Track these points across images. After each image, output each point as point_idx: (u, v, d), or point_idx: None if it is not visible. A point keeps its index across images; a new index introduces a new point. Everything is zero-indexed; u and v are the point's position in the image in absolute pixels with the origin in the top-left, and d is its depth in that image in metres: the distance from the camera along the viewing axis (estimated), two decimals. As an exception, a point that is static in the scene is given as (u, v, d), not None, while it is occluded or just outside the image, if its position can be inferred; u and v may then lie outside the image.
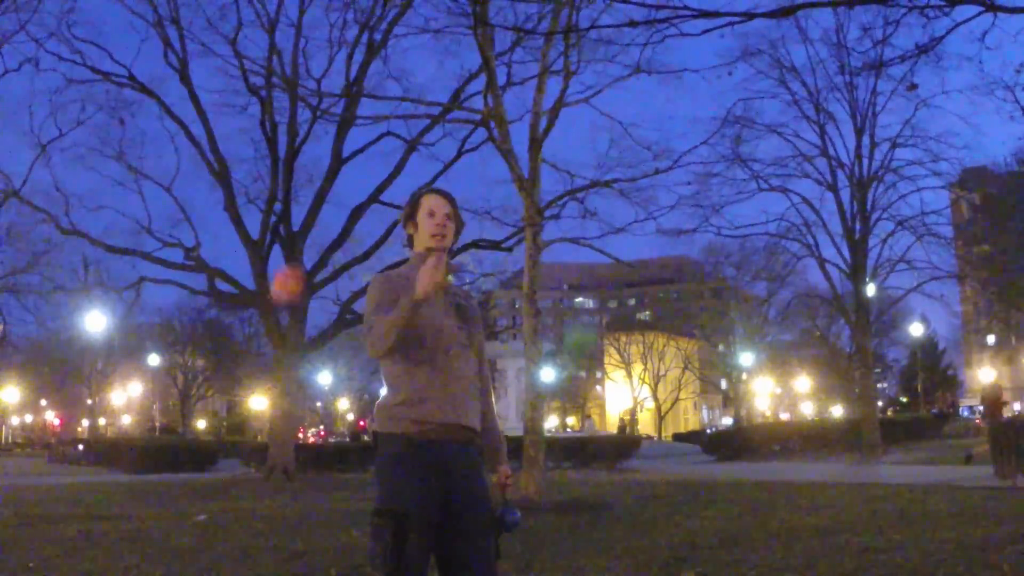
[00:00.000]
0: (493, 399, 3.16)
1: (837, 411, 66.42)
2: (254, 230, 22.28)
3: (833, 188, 25.43)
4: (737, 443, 25.78)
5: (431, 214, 2.96)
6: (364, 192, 24.81)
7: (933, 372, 65.54)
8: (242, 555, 7.12)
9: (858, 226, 25.34)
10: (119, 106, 21.95)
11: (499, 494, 2.97)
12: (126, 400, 67.40)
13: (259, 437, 52.78)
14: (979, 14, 6.44)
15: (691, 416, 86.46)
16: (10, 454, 53.60)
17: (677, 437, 44.91)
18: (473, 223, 21.52)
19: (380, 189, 22.40)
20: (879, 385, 66.29)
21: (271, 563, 6.66)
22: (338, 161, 22.06)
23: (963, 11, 6.58)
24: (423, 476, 2.74)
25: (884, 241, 25.94)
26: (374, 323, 2.77)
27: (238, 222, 22.11)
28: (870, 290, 26.30)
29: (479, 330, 3.04)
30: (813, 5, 8.06)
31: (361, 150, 23.04)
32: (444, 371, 2.82)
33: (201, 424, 70.28)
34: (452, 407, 2.81)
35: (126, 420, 70.18)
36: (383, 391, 2.92)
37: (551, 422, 73.40)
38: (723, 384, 75.77)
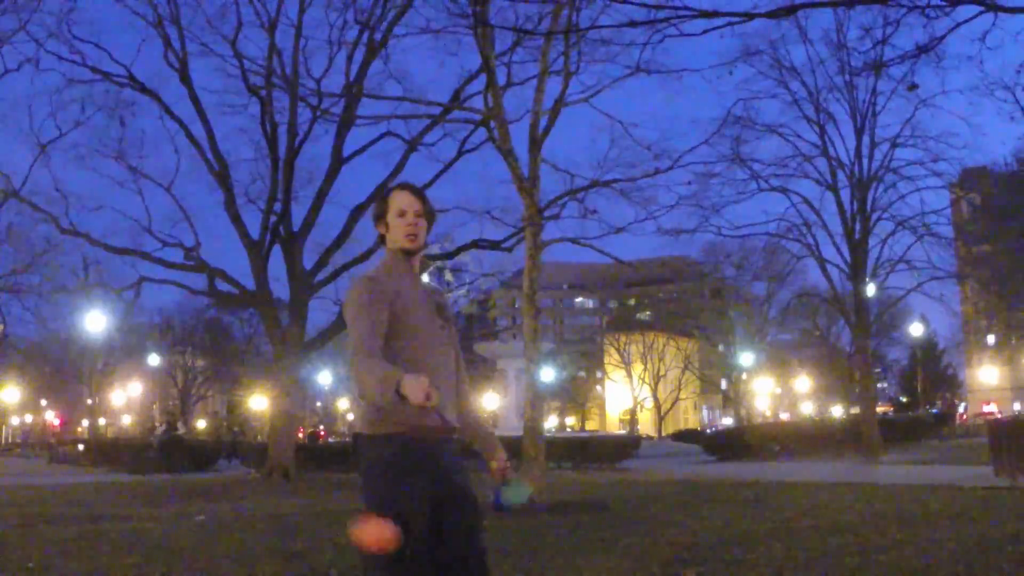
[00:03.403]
0: (469, 390, 3.15)
1: (837, 411, 66.48)
2: (254, 230, 22.31)
3: (833, 188, 25.43)
4: (737, 443, 25.75)
5: (401, 214, 2.88)
6: (364, 192, 24.83)
7: (933, 372, 65.56)
8: (242, 555, 7.12)
9: (858, 226, 25.33)
10: (119, 106, 21.97)
11: (500, 479, 2.98)
12: (126, 400, 67.39)
13: (259, 436, 52.78)
14: (979, 14, 6.45)
15: (691, 416, 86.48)
16: (10, 454, 53.57)
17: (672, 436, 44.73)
18: (473, 223, 21.55)
19: (380, 189, 22.37)
20: (879, 385, 66.34)
21: (271, 563, 6.65)
22: (338, 161, 22.06)
23: (963, 11, 6.59)
24: (417, 479, 2.68)
25: (884, 241, 25.94)
26: (363, 328, 2.67)
27: (238, 222, 22.11)
28: (870, 290, 26.30)
29: (454, 326, 3.05)
30: (813, 5, 8.06)
31: (361, 150, 23.06)
32: (432, 371, 2.75)
33: (201, 424, 70.29)
34: (440, 406, 2.75)
35: (126, 420, 70.18)
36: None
37: (551, 422, 73.44)
38: (723, 384, 75.79)
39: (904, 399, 69.09)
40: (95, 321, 29.64)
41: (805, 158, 25.30)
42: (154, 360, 55.18)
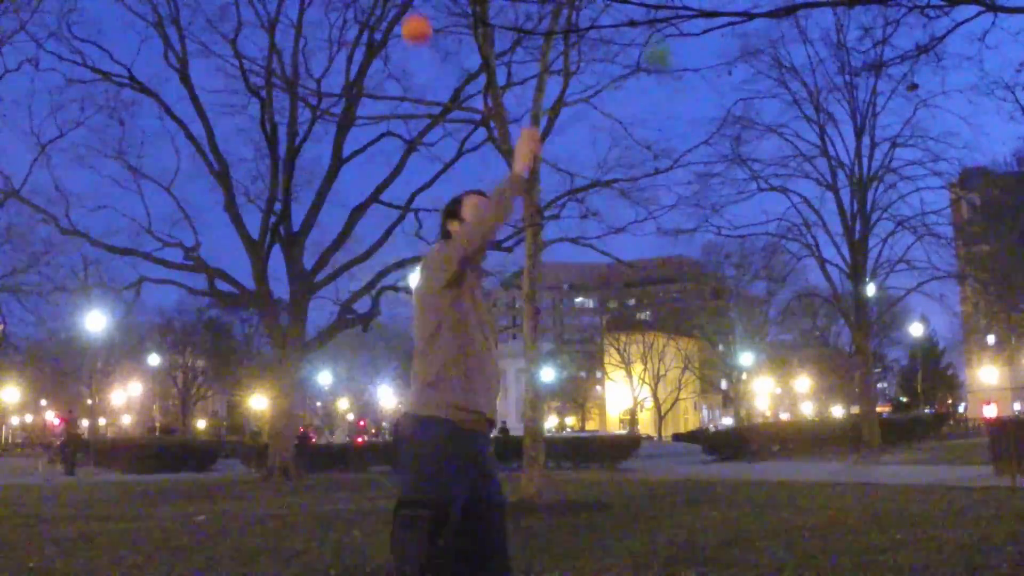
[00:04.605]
0: None
1: (837, 411, 66.46)
2: (254, 230, 22.31)
3: (833, 188, 25.45)
4: (737, 443, 25.76)
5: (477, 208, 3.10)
6: (364, 192, 24.81)
7: (933, 372, 65.53)
8: (242, 555, 7.12)
9: (858, 226, 25.35)
10: (119, 106, 21.97)
11: None
12: (126, 400, 67.39)
13: (260, 438, 52.79)
14: (979, 14, 6.45)
15: (691, 416, 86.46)
16: (10, 454, 53.55)
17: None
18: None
19: (380, 189, 22.41)
20: (879, 385, 66.38)
21: (271, 563, 6.66)
22: (338, 161, 22.07)
23: (963, 11, 6.59)
24: (463, 467, 2.76)
25: (884, 241, 25.99)
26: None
27: (238, 222, 22.12)
28: (870, 290, 26.33)
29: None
30: (813, 5, 8.06)
31: (361, 150, 23.06)
32: (488, 366, 2.91)
33: (201, 424, 70.28)
34: (490, 400, 2.90)
35: (126, 420, 70.19)
36: (423, 376, 2.90)
37: (551, 422, 73.46)
38: (723, 384, 75.73)
39: (904, 399, 69.07)
40: (95, 321, 29.64)
41: (805, 158, 25.36)
42: (154, 360, 55.17)
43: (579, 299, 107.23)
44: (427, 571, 2.63)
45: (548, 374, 53.35)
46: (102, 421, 59.73)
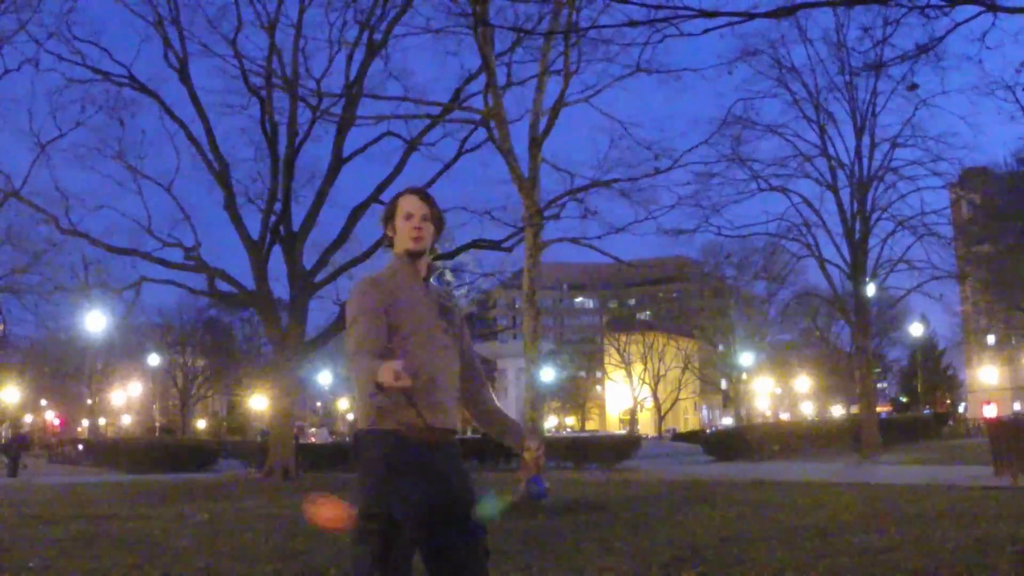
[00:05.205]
0: (490, 390, 3.15)
1: (837, 411, 66.46)
2: (254, 230, 22.33)
3: (833, 188, 25.45)
4: (737, 443, 25.75)
5: (408, 217, 2.91)
6: (364, 192, 24.85)
7: (933, 372, 65.52)
8: (242, 555, 7.12)
9: (858, 226, 25.35)
10: (119, 106, 21.99)
11: (535, 468, 3.00)
12: (126, 400, 67.40)
13: (259, 437, 52.80)
14: (979, 14, 6.45)
15: (691, 416, 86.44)
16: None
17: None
18: (473, 223, 21.51)
19: (380, 189, 22.41)
20: (879, 385, 66.31)
21: (271, 563, 6.65)
22: (338, 161, 22.08)
23: (963, 11, 6.59)
24: (410, 477, 2.65)
25: (884, 241, 25.99)
26: (360, 330, 2.69)
27: (238, 222, 22.12)
28: (870, 290, 26.32)
29: (464, 330, 3.01)
30: (813, 5, 8.07)
31: (361, 150, 23.06)
32: (428, 374, 2.74)
33: (201, 424, 70.28)
34: (433, 411, 2.73)
35: (126, 420, 70.21)
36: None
37: (551, 422, 73.50)
38: (723, 384, 75.73)
39: (904, 399, 69.07)
40: (95, 321, 29.62)
41: (805, 158, 25.34)
42: (154, 360, 55.21)
43: (579, 299, 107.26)
44: None
45: (548, 374, 53.33)
46: (102, 421, 59.79)
